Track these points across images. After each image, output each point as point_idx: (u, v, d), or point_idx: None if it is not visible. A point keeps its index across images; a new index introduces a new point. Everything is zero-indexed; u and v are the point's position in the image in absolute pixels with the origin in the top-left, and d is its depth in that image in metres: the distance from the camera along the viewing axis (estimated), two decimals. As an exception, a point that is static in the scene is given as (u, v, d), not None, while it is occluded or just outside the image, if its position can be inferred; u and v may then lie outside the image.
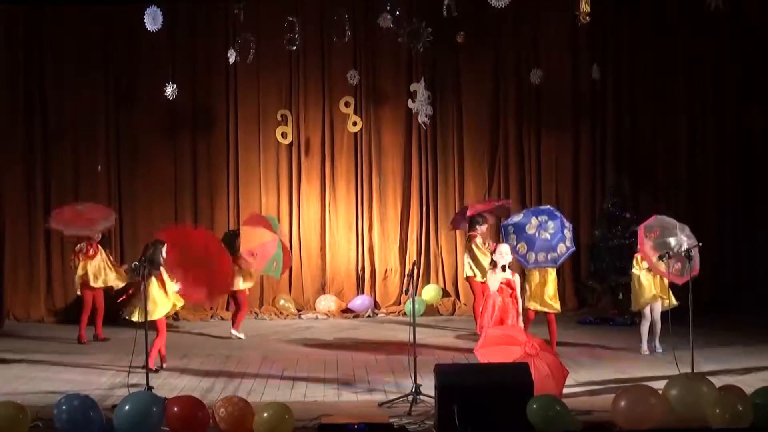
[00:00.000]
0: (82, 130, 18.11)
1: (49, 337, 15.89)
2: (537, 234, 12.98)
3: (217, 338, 15.72)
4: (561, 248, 13.03)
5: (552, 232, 12.97)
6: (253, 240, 15.49)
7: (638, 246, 13.37)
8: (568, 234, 13.07)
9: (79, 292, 15.57)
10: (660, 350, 13.69)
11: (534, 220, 13.08)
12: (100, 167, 17.84)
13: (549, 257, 12.94)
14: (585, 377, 11.94)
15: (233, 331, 15.70)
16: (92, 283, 15.31)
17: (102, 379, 12.21)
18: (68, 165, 18.07)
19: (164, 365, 12.94)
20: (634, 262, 13.73)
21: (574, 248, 13.36)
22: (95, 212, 15.70)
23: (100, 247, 15.50)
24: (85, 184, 18.01)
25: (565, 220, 13.27)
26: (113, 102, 18.14)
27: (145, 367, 11.30)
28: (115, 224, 16.77)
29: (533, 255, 12.96)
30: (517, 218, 13.28)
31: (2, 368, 13.04)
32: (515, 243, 12.95)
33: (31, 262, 17.93)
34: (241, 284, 15.51)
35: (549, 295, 13.41)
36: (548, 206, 13.74)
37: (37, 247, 17.92)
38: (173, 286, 12.52)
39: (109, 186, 18.09)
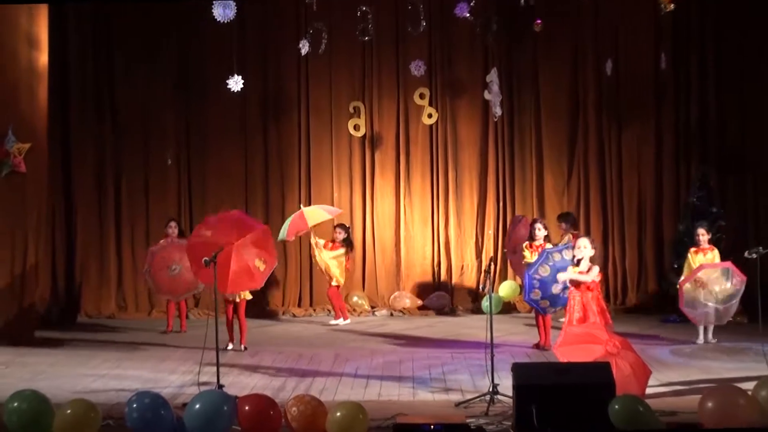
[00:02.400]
0: (151, 124, 18.32)
1: (121, 333, 16.10)
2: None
3: (289, 335, 15.79)
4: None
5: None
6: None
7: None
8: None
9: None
10: (713, 341, 14.10)
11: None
12: (169, 161, 18.01)
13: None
14: (669, 377, 11.78)
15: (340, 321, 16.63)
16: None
17: (172, 377, 12.30)
18: (138, 159, 18.29)
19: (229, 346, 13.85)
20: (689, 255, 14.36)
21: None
22: (184, 277, 15.53)
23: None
24: (155, 178, 18.25)
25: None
26: (182, 95, 18.31)
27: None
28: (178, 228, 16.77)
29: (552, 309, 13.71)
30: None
31: (73, 365, 13.20)
32: (538, 298, 13.56)
33: (101, 257, 18.17)
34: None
35: None
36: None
37: (108, 241, 18.17)
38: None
39: (178, 180, 18.32)
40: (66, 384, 11.80)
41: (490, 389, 10.45)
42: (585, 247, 12.15)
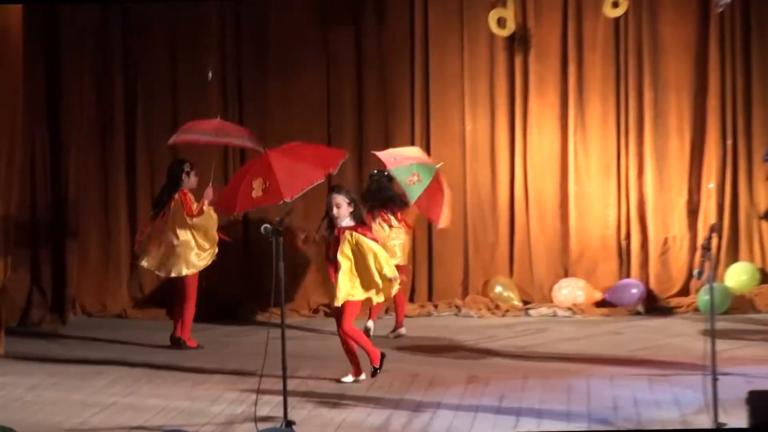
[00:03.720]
0: (183, 21, 18.55)
1: (135, 342, 16.32)
2: None
3: (397, 345, 15.78)
4: None
5: None
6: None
7: None
8: None
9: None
10: None
11: None
12: (210, 75, 18.03)
13: None
14: None
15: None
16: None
17: (215, 408, 12.37)
18: (163, 75, 18.61)
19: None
20: None
21: None
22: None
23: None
24: (188, 103, 18.42)
25: None
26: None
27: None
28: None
29: None
30: None
31: (65, 389, 13.42)
32: None
33: (106, 224, 18.51)
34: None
35: None
36: None
37: (116, 200, 18.53)
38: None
39: (224, 106, 18.41)
40: (53, 416, 11.99)
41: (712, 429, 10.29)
42: None
